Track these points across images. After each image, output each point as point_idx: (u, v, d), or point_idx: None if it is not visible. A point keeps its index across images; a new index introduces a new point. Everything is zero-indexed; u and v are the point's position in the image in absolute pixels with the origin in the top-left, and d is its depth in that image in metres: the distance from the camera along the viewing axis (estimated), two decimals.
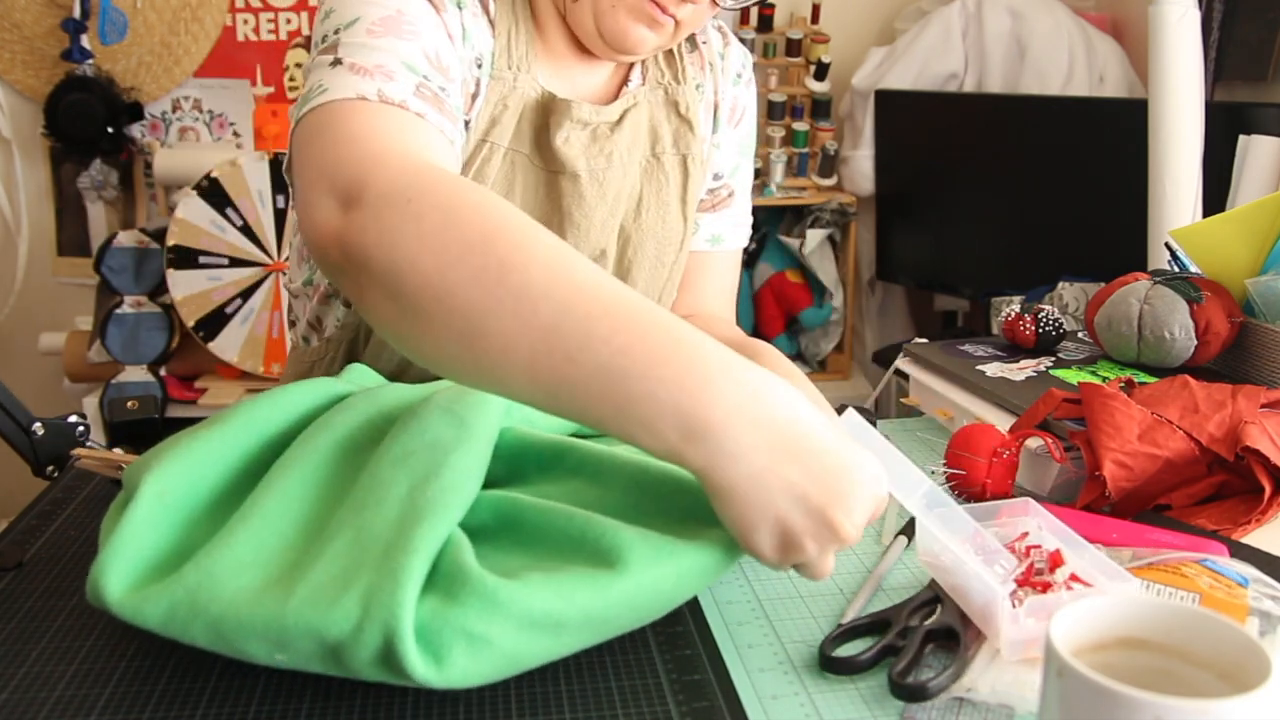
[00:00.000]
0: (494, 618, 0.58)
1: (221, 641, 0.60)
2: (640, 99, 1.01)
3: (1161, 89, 1.64)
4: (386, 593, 0.57)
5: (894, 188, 2.52)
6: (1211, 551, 0.73)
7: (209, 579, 0.60)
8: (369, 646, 0.57)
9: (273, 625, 0.58)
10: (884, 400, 2.25)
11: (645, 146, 1.01)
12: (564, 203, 0.96)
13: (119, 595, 0.62)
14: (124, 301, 2.33)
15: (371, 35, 0.78)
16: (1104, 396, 0.87)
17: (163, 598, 0.60)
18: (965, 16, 2.44)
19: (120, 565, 0.63)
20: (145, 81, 2.46)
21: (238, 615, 0.59)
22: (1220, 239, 1.10)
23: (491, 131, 0.92)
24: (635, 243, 1.01)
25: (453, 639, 0.57)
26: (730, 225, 1.12)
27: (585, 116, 0.96)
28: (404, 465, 0.66)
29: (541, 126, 0.95)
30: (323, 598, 0.59)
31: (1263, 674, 0.46)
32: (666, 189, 1.02)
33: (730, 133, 1.09)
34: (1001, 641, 0.64)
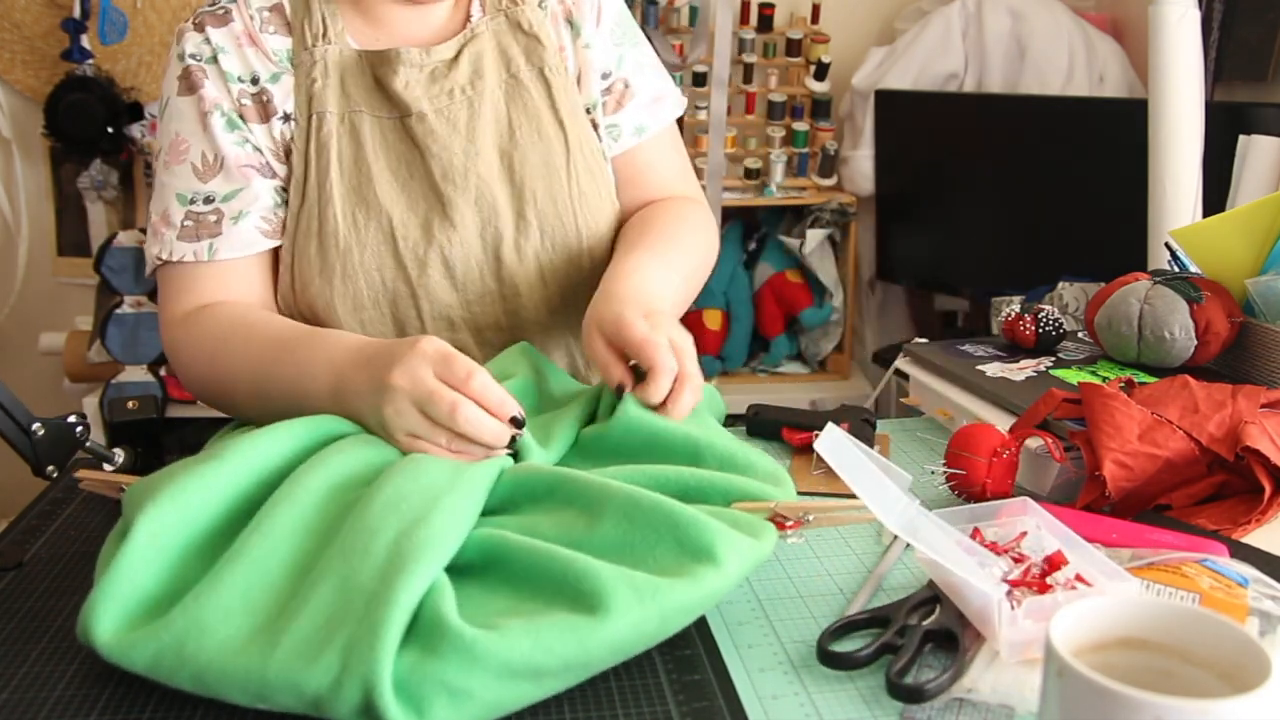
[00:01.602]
0: (473, 670, 0.58)
1: (204, 688, 0.61)
2: (481, 30, 1.05)
3: (1161, 89, 1.64)
4: (366, 646, 0.58)
5: (894, 188, 2.52)
6: (1211, 551, 0.73)
7: (195, 627, 0.61)
8: (348, 702, 0.57)
9: (254, 678, 0.59)
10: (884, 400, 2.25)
11: (498, 71, 1.05)
12: (419, 142, 1.01)
13: (108, 638, 0.62)
14: (124, 301, 2.32)
15: (164, 169, 1.01)
16: (1104, 396, 0.87)
17: (149, 644, 0.61)
18: (965, 16, 2.43)
19: (111, 607, 0.63)
20: (145, 81, 2.46)
21: (221, 667, 0.60)
22: (1220, 239, 1.10)
23: (312, 104, 1.00)
24: (519, 159, 1.03)
25: (433, 692, 0.58)
26: (646, 111, 1.13)
27: (415, 60, 1.01)
28: (394, 509, 0.67)
29: (374, 81, 1.01)
30: (305, 650, 0.59)
31: (1263, 674, 0.46)
32: (532, 102, 1.05)
33: (595, 32, 1.11)
34: (1000, 643, 0.64)
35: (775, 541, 0.72)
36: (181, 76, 1.01)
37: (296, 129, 1.01)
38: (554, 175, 1.04)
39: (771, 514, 0.74)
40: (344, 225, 0.99)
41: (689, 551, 0.67)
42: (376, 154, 1.01)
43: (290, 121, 1.01)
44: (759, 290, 2.56)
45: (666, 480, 0.75)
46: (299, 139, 1.00)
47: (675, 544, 0.67)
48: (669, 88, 1.16)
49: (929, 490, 0.91)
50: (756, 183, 2.54)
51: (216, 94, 1.00)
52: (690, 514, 0.68)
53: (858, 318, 2.71)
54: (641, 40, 1.15)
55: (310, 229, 1.00)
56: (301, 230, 1.00)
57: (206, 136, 0.99)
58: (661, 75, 1.16)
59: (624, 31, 1.13)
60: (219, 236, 0.99)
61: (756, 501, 0.74)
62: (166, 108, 1.03)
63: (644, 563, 0.66)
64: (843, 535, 0.83)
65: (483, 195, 1.02)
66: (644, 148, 1.13)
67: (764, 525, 0.72)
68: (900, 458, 1.01)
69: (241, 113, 1.00)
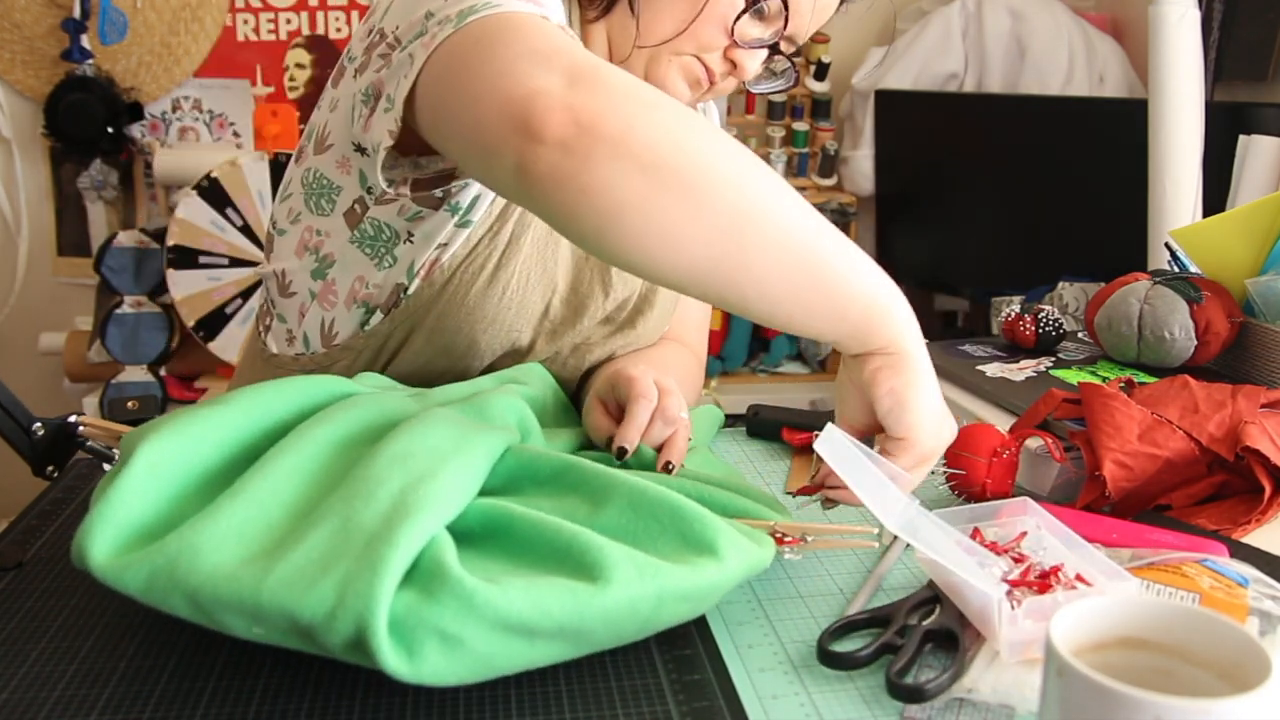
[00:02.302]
0: (468, 618, 0.58)
1: (199, 612, 0.60)
2: None
3: (1161, 89, 1.64)
4: (364, 582, 0.57)
5: (894, 188, 2.52)
6: (1211, 551, 0.73)
7: (190, 550, 0.61)
8: (340, 634, 0.57)
9: (248, 601, 0.58)
10: None
11: None
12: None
13: (102, 559, 0.62)
14: (124, 301, 2.33)
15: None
16: (1104, 396, 0.87)
17: (144, 565, 0.61)
18: (965, 16, 2.44)
19: (106, 530, 0.63)
20: (145, 81, 2.46)
21: (215, 588, 0.59)
22: (1220, 239, 1.10)
23: None
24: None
25: (426, 636, 0.57)
26: None
27: None
28: (401, 464, 0.66)
29: None
30: (300, 579, 0.59)
31: (1263, 674, 0.46)
32: None
33: None
34: (1001, 643, 0.64)
35: (774, 552, 0.72)
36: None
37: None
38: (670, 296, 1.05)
39: (771, 530, 0.74)
40: (516, 282, 0.93)
41: (691, 544, 0.67)
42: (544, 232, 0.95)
43: None
44: None
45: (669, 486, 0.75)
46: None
47: (678, 535, 0.67)
48: None
49: (929, 490, 0.91)
50: None
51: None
52: (695, 509, 0.68)
53: None
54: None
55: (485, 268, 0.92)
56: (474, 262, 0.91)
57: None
58: None
59: None
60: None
61: (756, 520, 0.75)
62: None
63: (646, 549, 0.66)
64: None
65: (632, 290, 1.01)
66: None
67: (764, 536, 0.72)
68: None
69: None
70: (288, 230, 0.98)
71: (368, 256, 0.93)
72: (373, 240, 0.93)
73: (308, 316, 0.98)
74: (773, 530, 0.74)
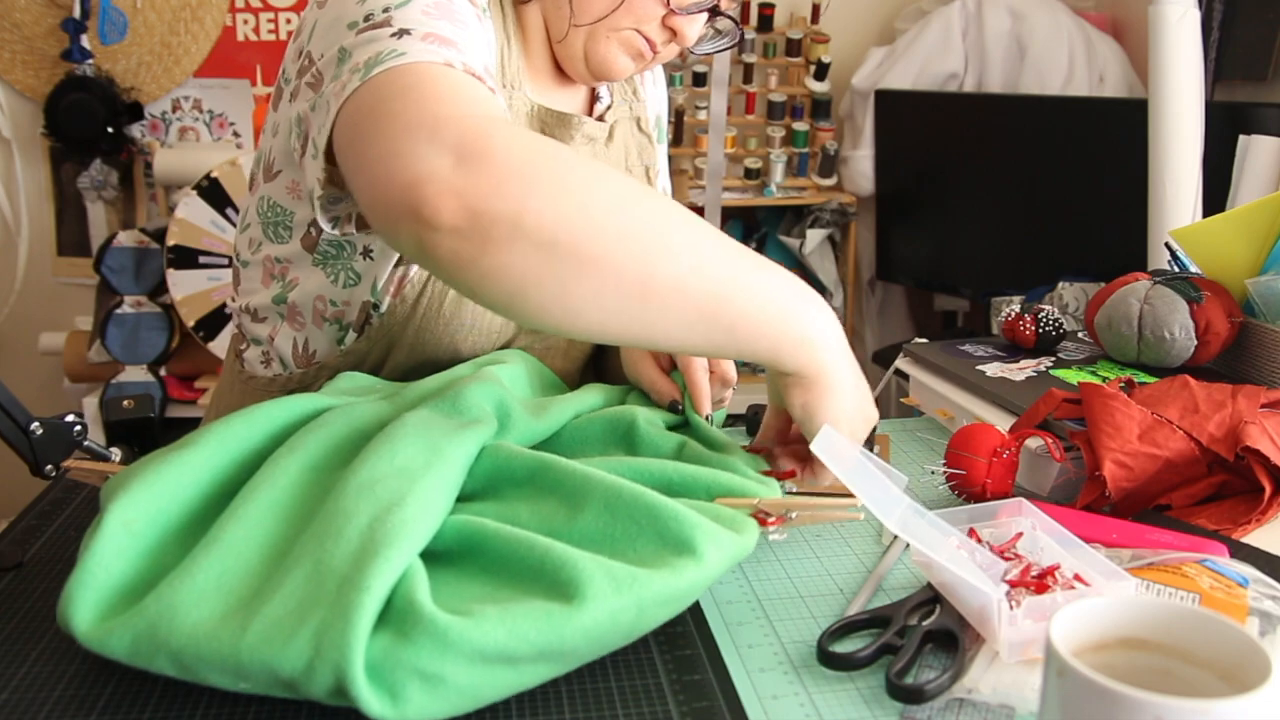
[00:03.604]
0: (446, 656, 0.58)
1: (185, 671, 0.60)
2: (619, 114, 1.05)
3: (1161, 89, 1.64)
4: (337, 632, 0.57)
5: (894, 188, 2.52)
6: (1211, 551, 0.73)
7: (169, 611, 0.61)
8: (321, 684, 0.57)
9: (229, 659, 0.59)
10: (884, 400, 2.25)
11: (622, 162, 1.05)
12: None
13: (86, 627, 0.62)
14: (124, 301, 2.33)
15: (428, 16, 0.77)
16: (1104, 396, 0.87)
17: (126, 630, 0.61)
18: (965, 16, 2.44)
19: (87, 596, 0.63)
20: (145, 81, 2.46)
21: (196, 649, 0.59)
22: (1220, 239, 1.10)
23: None
24: None
25: (406, 678, 0.57)
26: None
27: (590, 132, 0.99)
28: (369, 493, 0.66)
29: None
30: (277, 633, 0.59)
31: (1263, 674, 0.46)
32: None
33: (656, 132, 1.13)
34: (1000, 643, 0.64)
35: (757, 537, 0.72)
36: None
37: None
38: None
39: (755, 510, 0.74)
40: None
41: (669, 544, 0.67)
42: None
43: None
44: None
45: (649, 473, 0.76)
46: None
47: (655, 536, 0.67)
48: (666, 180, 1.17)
49: (929, 490, 0.91)
50: (756, 183, 2.54)
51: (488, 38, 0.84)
52: (671, 507, 0.68)
53: (858, 318, 2.71)
54: (665, 138, 1.17)
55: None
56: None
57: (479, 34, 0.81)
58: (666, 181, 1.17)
59: (662, 130, 1.15)
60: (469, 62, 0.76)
61: (740, 498, 0.75)
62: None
63: (624, 554, 0.66)
64: (843, 535, 0.84)
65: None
66: None
67: (746, 521, 0.72)
68: (900, 458, 1.01)
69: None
70: (250, 261, 0.99)
71: (329, 276, 0.93)
72: (334, 259, 0.93)
73: (278, 338, 0.98)
74: (756, 510, 0.74)
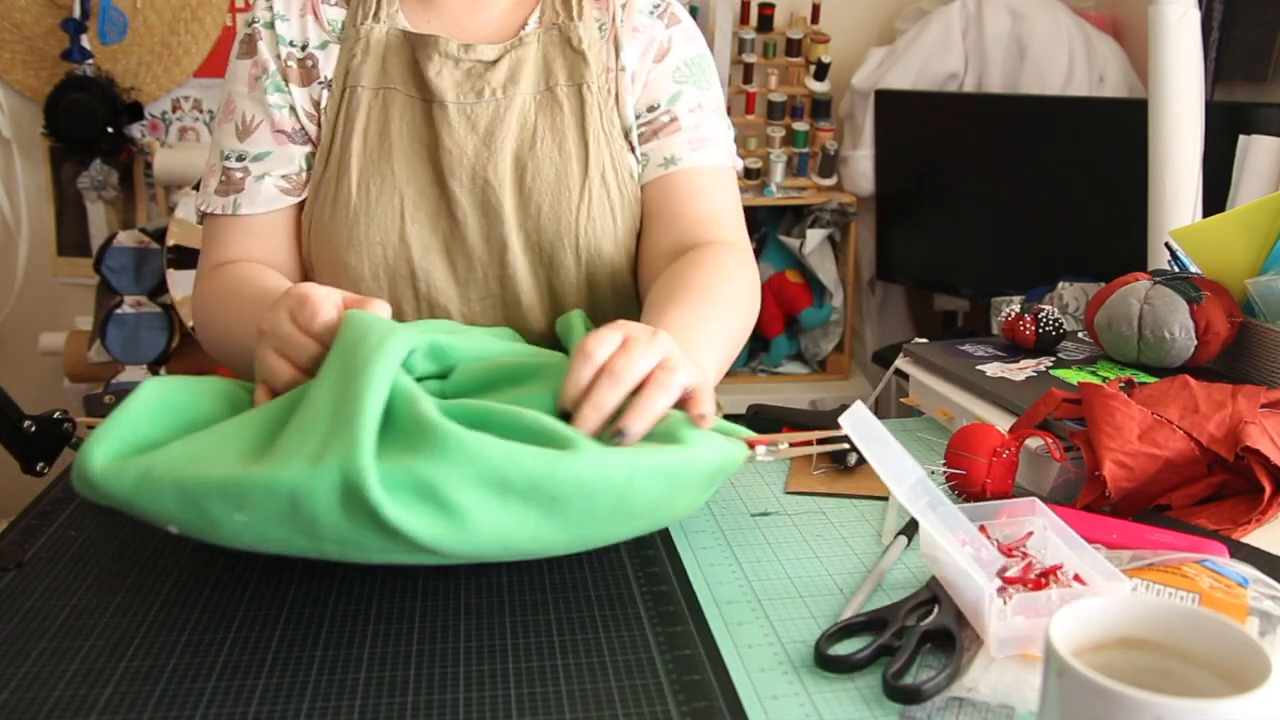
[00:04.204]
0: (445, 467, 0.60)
1: (186, 501, 0.62)
2: (531, 40, 1.07)
3: (1161, 89, 1.64)
4: (341, 432, 0.60)
5: (894, 188, 2.52)
6: (1211, 551, 0.73)
7: (190, 449, 0.65)
8: (326, 485, 0.59)
9: (231, 482, 0.61)
10: (884, 400, 2.25)
11: (536, 82, 1.06)
12: (436, 129, 1.03)
13: (100, 465, 0.65)
14: (124, 301, 2.32)
15: (216, 127, 1.08)
16: (1104, 396, 0.87)
17: (137, 466, 0.64)
18: (965, 16, 2.43)
19: (108, 443, 0.66)
20: (145, 81, 2.46)
21: (201, 476, 0.62)
22: (1220, 239, 1.10)
23: (347, 78, 1.05)
24: (533, 170, 1.04)
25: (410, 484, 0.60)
26: (684, 146, 1.08)
27: (451, 52, 1.04)
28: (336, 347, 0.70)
29: (412, 63, 1.05)
30: (280, 455, 0.63)
31: (1263, 674, 0.46)
32: (561, 117, 1.05)
33: (653, 66, 1.10)
34: (990, 638, 0.64)
35: (745, 452, 0.74)
36: (244, 41, 1.07)
37: (329, 98, 1.05)
38: (563, 193, 1.04)
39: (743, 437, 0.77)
40: (357, 194, 1.02)
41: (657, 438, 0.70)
42: (401, 131, 1.03)
43: (328, 88, 1.05)
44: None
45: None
46: (330, 107, 1.05)
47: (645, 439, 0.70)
48: (721, 135, 1.11)
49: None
50: (756, 183, 2.54)
51: (268, 57, 1.05)
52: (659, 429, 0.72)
53: (858, 318, 2.71)
54: (711, 85, 1.12)
55: (327, 195, 1.03)
56: (320, 196, 1.04)
57: (252, 98, 1.05)
58: (719, 123, 1.12)
59: (693, 72, 1.11)
60: (241, 193, 1.04)
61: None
62: (229, 68, 1.09)
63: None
64: (843, 535, 0.84)
65: (488, 199, 1.03)
66: (676, 181, 1.08)
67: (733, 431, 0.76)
68: None
69: (285, 74, 1.05)
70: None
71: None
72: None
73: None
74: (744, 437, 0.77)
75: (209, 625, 0.69)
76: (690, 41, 1.13)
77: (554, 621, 0.69)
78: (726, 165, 1.12)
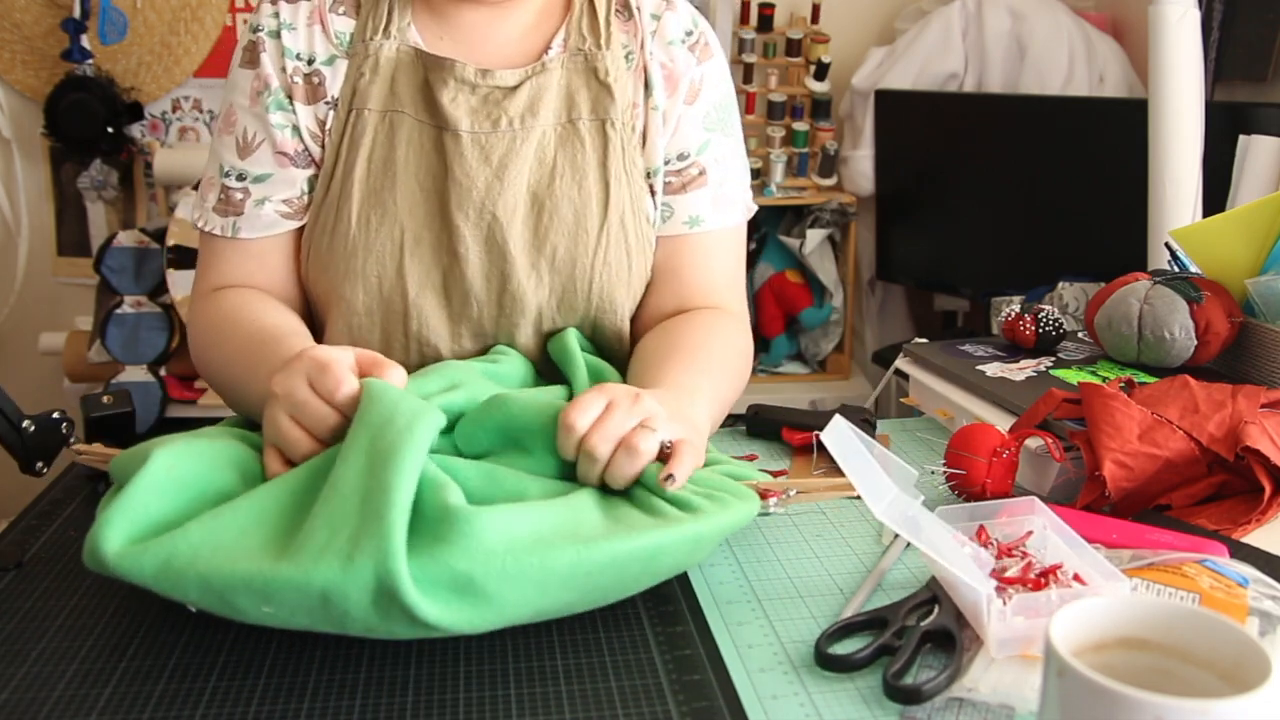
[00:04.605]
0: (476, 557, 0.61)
1: (210, 594, 0.62)
2: (554, 66, 1.00)
3: (1161, 89, 1.64)
4: (373, 529, 0.60)
5: (894, 188, 2.52)
6: (1211, 551, 0.73)
7: (206, 537, 0.63)
8: (359, 585, 0.59)
9: (258, 578, 0.60)
10: (884, 400, 2.25)
11: (556, 113, 0.99)
12: (447, 159, 0.97)
13: (118, 548, 0.64)
14: (124, 301, 2.32)
15: (216, 136, 1.03)
16: (1104, 396, 0.87)
17: (160, 551, 0.63)
18: (965, 16, 2.43)
19: (121, 524, 0.65)
20: (145, 81, 2.46)
21: (227, 570, 0.61)
22: (1220, 239, 1.10)
23: (354, 99, 0.98)
24: (550, 208, 0.98)
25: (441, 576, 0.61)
26: (708, 204, 1.05)
27: (469, 77, 0.98)
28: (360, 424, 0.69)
29: (423, 85, 0.99)
30: (310, 551, 0.61)
31: (1263, 674, 0.46)
32: (582, 155, 0.99)
33: (685, 109, 1.04)
34: (989, 639, 0.64)
35: (757, 506, 0.75)
36: (247, 48, 1.01)
37: (335, 118, 0.99)
38: (580, 236, 0.98)
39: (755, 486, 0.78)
40: (356, 225, 0.97)
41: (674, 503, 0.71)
42: (407, 160, 0.98)
43: (334, 108, 1.00)
44: (759, 290, 2.56)
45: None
46: (335, 129, 0.99)
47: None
48: (743, 192, 1.09)
49: (929, 490, 0.91)
50: (756, 183, 2.54)
51: (271, 70, 0.99)
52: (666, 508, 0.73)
53: (858, 318, 2.71)
54: (735, 134, 1.09)
55: (327, 223, 0.98)
56: (320, 223, 0.99)
57: (254, 114, 1.00)
58: (742, 177, 1.09)
59: (721, 117, 1.07)
60: (241, 216, 0.99)
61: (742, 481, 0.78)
62: (230, 74, 1.03)
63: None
64: (843, 535, 0.84)
65: (493, 236, 0.97)
66: (694, 242, 1.05)
67: (747, 490, 0.76)
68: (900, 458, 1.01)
69: (291, 91, 0.99)
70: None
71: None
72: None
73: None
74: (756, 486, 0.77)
75: (209, 625, 0.69)
76: (721, 81, 1.07)
77: (554, 621, 0.69)
78: (742, 223, 1.09)
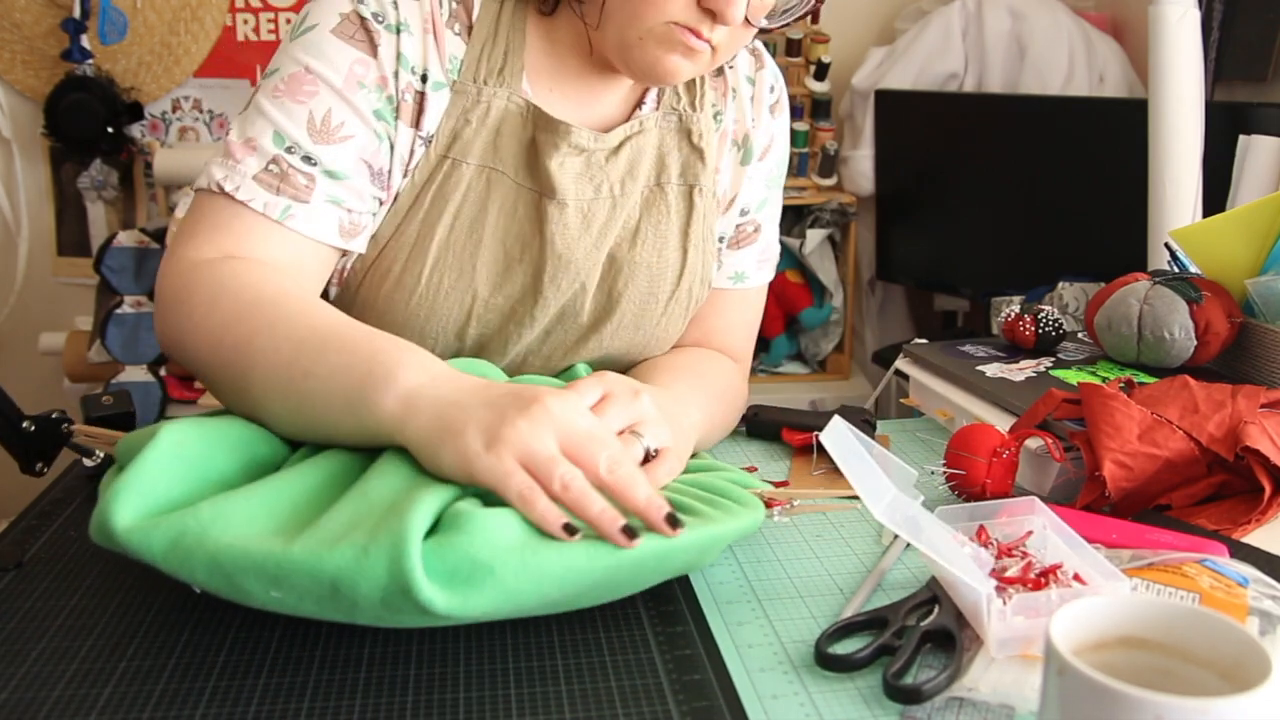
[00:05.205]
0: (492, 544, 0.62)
1: (219, 575, 0.62)
2: (648, 125, 0.95)
3: (1161, 89, 1.64)
4: (391, 526, 0.60)
5: (894, 188, 2.52)
6: (1211, 551, 0.73)
7: (217, 517, 0.63)
8: (371, 578, 0.59)
9: (269, 562, 0.60)
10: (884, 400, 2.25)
11: (648, 175, 0.95)
12: (546, 229, 0.90)
13: (127, 523, 0.63)
14: (124, 301, 2.32)
15: (270, 95, 0.85)
16: (1104, 396, 0.87)
17: (171, 529, 0.63)
18: (965, 16, 2.43)
19: (131, 499, 0.65)
20: (145, 81, 2.46)
21: (237, 552, 0.61)
22: (1220, 239, 1.10)
23: (453, 147, 0.89)
24: (626, 274, 0.94)
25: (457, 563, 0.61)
26: (754, 262, 1.07)
27: (583, 142, 0.90)
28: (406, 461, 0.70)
29: (529, 144, 0.90)
30: (325, 540, 0.61)
31: (1263, 674, 0.46)
32: (666, 221, 0.96)
33: (758, 165, 1.03)
34: (989, 639, 0.64)
35: (764, 514, 0.76)
36: (353, 20, 0.85)
37: (423, 159, 0.88)
38: (650, 304, 0.96)
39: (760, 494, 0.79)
40: (425, 285, 0.89)
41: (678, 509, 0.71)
42: (496, 223, 0.90)
43: (427, 145, 0.89)
44: None
45: None
46: (421, 169, 0.88)
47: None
48: (776, 251, 1.11)
49: (929, 490, 0.91)
50: None
51: (387, 72, 0.86)
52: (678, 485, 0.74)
53: (858, 318, 2.71)
54: (782, 187, 1.09)
55: (388, 270, 0.89)
56: (378, 268, 0.90)
57: (348, 102, 0.85)
58: (776, 233, 1.10)
59: (779, 175, 1.08)
60: (302, 205, 0.83)
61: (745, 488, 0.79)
62: (313, 35, 0.85)
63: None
64: (843, 535, 0.84)
65: (574, 303, 0.94)
66: (732, 296, 1.06)
67: (753, 499, 0.76)
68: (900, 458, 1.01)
69: (400, 107, 0.87)
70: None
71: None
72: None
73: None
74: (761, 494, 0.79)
75: (209, 625, 0.69)
76: (786, 138, 1.08)
77: (554, 621, 0.69)
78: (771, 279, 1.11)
